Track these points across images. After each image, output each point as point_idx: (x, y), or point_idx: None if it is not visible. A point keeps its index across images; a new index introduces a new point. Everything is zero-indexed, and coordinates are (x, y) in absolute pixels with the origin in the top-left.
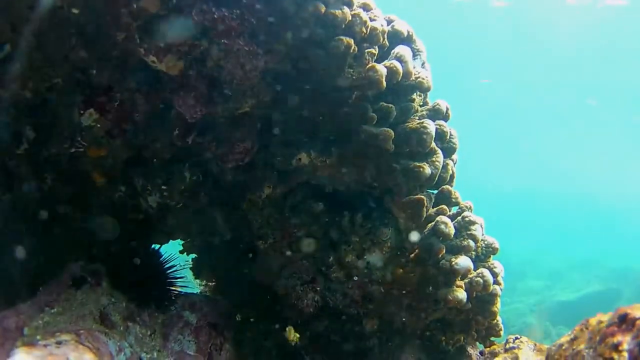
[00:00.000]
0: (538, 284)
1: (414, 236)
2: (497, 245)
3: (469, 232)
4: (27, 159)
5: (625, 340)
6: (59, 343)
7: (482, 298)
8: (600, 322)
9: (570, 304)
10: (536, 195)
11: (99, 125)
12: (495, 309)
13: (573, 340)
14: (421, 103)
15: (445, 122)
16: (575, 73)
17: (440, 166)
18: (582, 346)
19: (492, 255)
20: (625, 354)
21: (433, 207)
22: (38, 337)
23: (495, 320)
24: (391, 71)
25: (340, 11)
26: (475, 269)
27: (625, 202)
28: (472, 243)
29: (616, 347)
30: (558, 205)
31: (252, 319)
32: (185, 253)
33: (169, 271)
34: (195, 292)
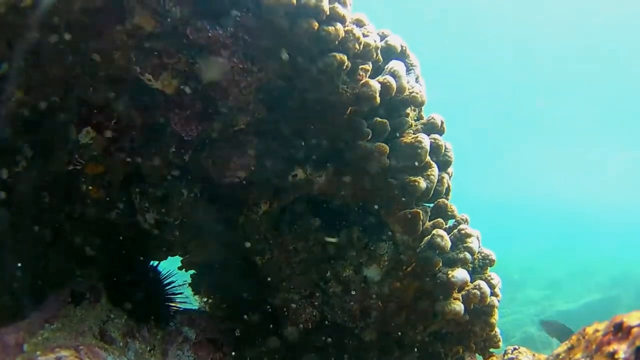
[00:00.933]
0: (537, 294)
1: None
2: (493, 257)
3: (465, 245)
4: (25, 176)
5: (621, 349)
6: (58, 359)
7: (480, 310)
8: (597, 330)
9: (570, 313)
10: (532, 205)
11: (96, 143)
12: (493, 320)
13: (570, 349)
14: (416, 117)
15: (440, 135)
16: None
17: (436, 180)
18: (578, 355)
19: (489, 267)
20: None
21: (429, 221)
22: (38, 352)
23: (494, 332)
24: (385, 86)
25: (333, 28)
26: (472, 281)
27: (622, 210)
28: (468, 255)
29: (612, 356)
30: (555, 215)
31: (251, 335)
32: (183, 269)
33: (167, 287)
34: (194, 308)
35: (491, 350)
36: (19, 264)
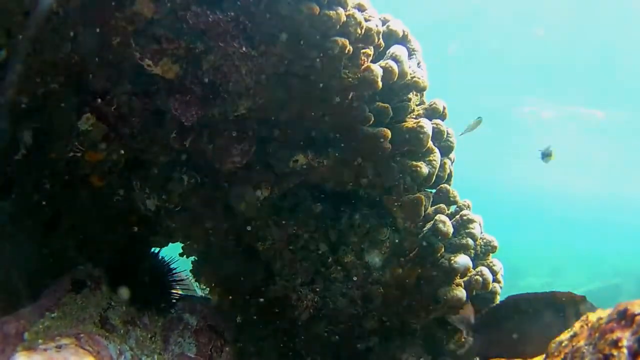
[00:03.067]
0: (539, 282)
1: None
2: (496, 243)
3: (467, 231)
4: (25, 164)
5: (625, 336)
6: (59, 347)
7: (482, 296)
8: (600, 318)
9: None
10: (537, 191)
11: (96, 130)
12: None
13: (573, 337)
14: (418, 102)
15: (442, 121)
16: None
17: (438, 165)
18: (581, 343)
19: (491, 254)
20: (625, 350)
21: (431, 206)
22: (39, 341)
23: None
24: (387, 71)
25: (334, 12)
26: (475, 267)
27: (626, 199)
28: (470, 241)
29: (615, 344)
30: (559, 202)
31: (252, 321)
32: (184, 256)
33: (168, 274)
34: (195, 294)
35: None
36: (19, 253)
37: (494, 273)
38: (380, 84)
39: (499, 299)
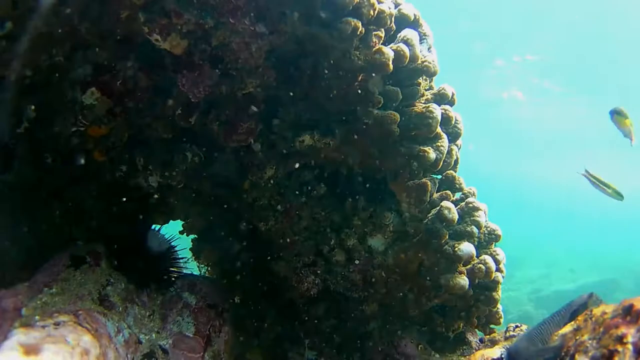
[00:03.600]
0: (536, 273)
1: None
2: (499, 232)
3: (472, 219)
4: (27, 138)
5: (630, 333)
6: (57, 324)
7: (484, 285)
8: (604, 313)
9: (567, 293)
10: (537, 182)
11: (100, 104)
12: (497, 297)
13: (577, 330)
14: (427, 87)
15: (451, 106)
16: None
17: (445, 151)
18: (585, 337)
19: (494, 243)
20: (630, 347)
21: (437, 192)
22: (37, 317)
23: (496, 308)
24: (398, 54)
25: None
26: (478, 255)
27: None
28: (475, 229)
29: (620, 339)
30: (559, 194)
31: (251, 301)
32: (185, 234)
33: (168, 252)
34: (195, 273)
35: (492, 326)
36: (19, 227)
37: (497, 262)
38: (391, 66)
39: (500, 288)
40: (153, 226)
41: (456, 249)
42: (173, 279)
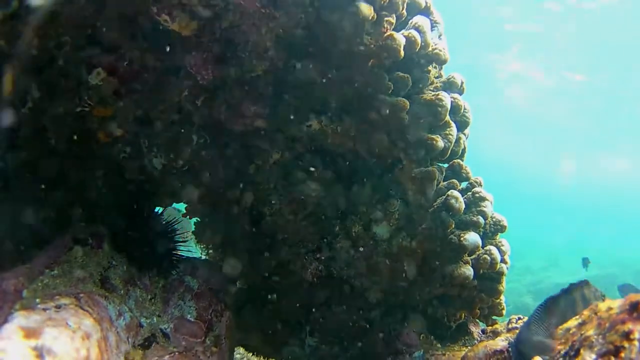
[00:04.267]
0: (535, 265)
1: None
2: (505, 223)
3: (479, 209)
4: (31, 118)
5: (637, 329)
6: (58, 307)
7: (489, 276)
8: (610, 308)
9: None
10: (540, 178)
11: (106, 85)
12: (501, 288)
13: (581, 325)
14: (436, 75)
15: (460, 95)
16: None
17: (454, 140)
18: (590, 332)
19: (499, 233)
20: (637, 343)
21: (444, 181)
22: (37, 300)
23: (499, 299)
24: (410, 41)
25: None
26: (483, 246)
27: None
28: (481, 219)
29: (627, 336)
30: (561, 189)
31: (253, 286)
32: (188, 217)
33: (171, 235)
34: (197, 257)
35: (494, 318)
36: (21, 209)
37: (502, 253)
38: (402, 52)
39: (504, 279)
40: (156, 209)
41: (462, 238)
42: (175, 262)
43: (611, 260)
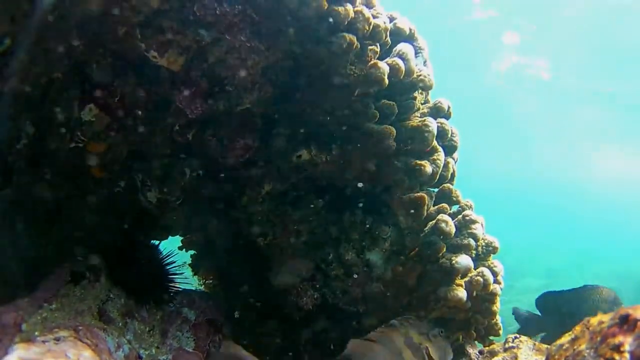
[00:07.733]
0: (536, 283)
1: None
2: (497, 244)
3: (469, 231)
4: (26, 154)
5: (627, 342)
6: (57, 339)
7: (482, 297)
8: (601, 322)
9: None
10: (533, 194)
11: (99, 120)
12: (495, 308)
13: (574, 340)
14: (423, 101)
15: (447, 120)
16: None
17: (442, 164)
18: (583, 346)
19: (492, 255)
20: (627, 355)
21: (434, 206)
22: (36, 333)
23: (495, 320)
24: (393, 69)
25: (343, 8)
26: (476, 268)
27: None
28: (472, 242)
29: (617, 348)
30: (557, 205)
31: (250, 316)
32: (184, 249)
33: (168, 267)
34: (194, 288)
35: (491, 338)
36: (19, 242)
37: (494, 274)
38: (386, 81)
39: (499, 300)
40: (152, 241)
41: (454, 261)
42: (172, 294)
43: (612, 274)
